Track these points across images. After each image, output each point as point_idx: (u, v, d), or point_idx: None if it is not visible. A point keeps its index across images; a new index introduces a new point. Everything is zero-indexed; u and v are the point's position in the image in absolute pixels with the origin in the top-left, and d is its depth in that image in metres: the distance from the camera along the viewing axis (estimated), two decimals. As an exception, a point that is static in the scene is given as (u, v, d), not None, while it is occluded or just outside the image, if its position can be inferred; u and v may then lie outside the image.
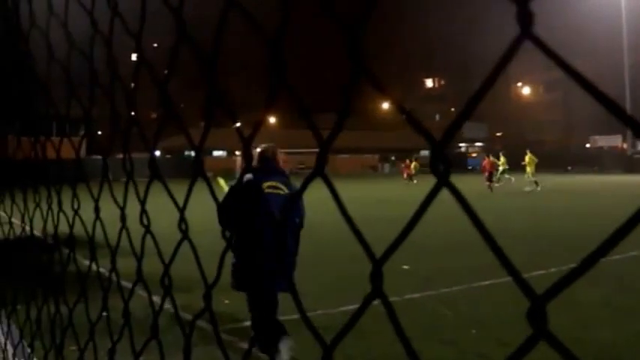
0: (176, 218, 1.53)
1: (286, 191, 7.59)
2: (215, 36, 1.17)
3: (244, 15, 1.10)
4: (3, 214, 3.81)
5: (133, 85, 1.71)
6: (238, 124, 1.33)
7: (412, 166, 61.73)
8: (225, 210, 6.72)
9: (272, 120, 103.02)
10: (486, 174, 47.23)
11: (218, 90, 1.24)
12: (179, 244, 1.40)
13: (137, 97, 1.76)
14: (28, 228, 3.18)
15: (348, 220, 0.82)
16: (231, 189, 7.48)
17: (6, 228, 3.87)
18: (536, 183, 45.97)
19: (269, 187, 7.59)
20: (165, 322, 1.70)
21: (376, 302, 0.95)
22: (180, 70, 1.47)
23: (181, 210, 1.34)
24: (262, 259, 7.20)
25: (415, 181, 57.44)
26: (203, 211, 7.64)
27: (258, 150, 7.99)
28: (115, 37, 1.80)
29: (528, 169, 48.13)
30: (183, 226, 1.34)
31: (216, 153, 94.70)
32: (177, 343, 2.43)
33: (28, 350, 3.54)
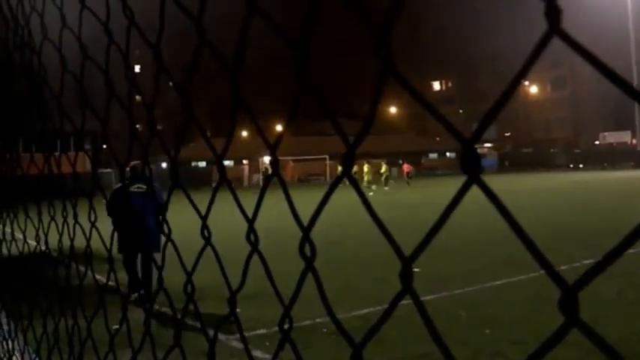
0: (194, 227, 1.55)
1: (144, 189, 12.24)
2: (238, 42, 1.17)
3: (266, 19, 1.10)
4: (18, 234, 3.79)
5: (137, 97, 1.72)
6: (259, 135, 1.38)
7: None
8: (110, 206, 12.05)
9: (279, 128, 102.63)
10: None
11: (241, 97, 1.25)
12: (202, 249, 1.40)
13: (139, 109, 1.77)
14: (42, 243, 3.17)
15: (376, 219, 0.82)
16: (113, 192, 12.82)
17: (19, 244, 3.87)
18: (369, 188, 52.89)
19: (136, 187, 12.54)
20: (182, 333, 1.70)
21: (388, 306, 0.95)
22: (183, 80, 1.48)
23: (204, 217, 1.35)
24: (129, 233, 12.05)
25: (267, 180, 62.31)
26: (223, 219, 8.24)
27: (131, 164, 12.60)
28: (114, 51, 1.81)
29: (366, 177, 55.96)
30: (206, 233, 1.34)
31: (224, 162, 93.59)
32: (195, 355, 2.43)
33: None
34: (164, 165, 74.47)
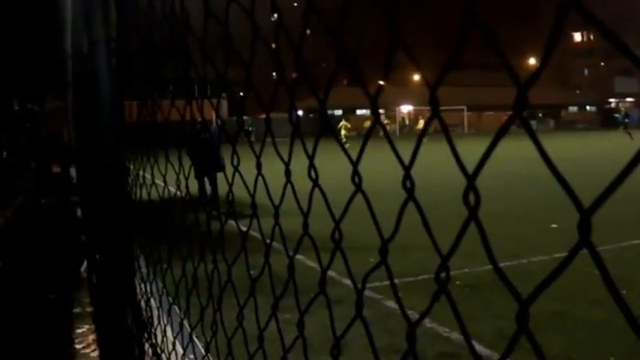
0: (341, 177, 1.51)
1: (210, 133, 20.21)
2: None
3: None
4: (158, 180, 3.80)
5: (273, 45, 1.68)
6: (381, 83, 1.34)
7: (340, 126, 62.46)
8: (189, 149, 15.07)
9: (416, 77, 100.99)
10: None
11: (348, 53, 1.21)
12: (352, 196, 1.36)
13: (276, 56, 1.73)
14: (183, 188, 3.15)
15: (553, 169, 0.77)
16: (190, 139, 16.09)
17: (159, 189, 3.89)
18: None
19: (204, 134, 18.24)
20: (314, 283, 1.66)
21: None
22: (319, 29, 1.42)
23: (354, 164, 1.31)
24: (203, 164, 18.06)
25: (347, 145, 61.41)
26: (369, 168, 8.51)
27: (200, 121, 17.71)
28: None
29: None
30: (357, 180, 1.31)
31: (362, 112, 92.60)
32: (334, 302, 2.41)
33: (176, 308, 3.50)
34: (300, 112, 75.31)
